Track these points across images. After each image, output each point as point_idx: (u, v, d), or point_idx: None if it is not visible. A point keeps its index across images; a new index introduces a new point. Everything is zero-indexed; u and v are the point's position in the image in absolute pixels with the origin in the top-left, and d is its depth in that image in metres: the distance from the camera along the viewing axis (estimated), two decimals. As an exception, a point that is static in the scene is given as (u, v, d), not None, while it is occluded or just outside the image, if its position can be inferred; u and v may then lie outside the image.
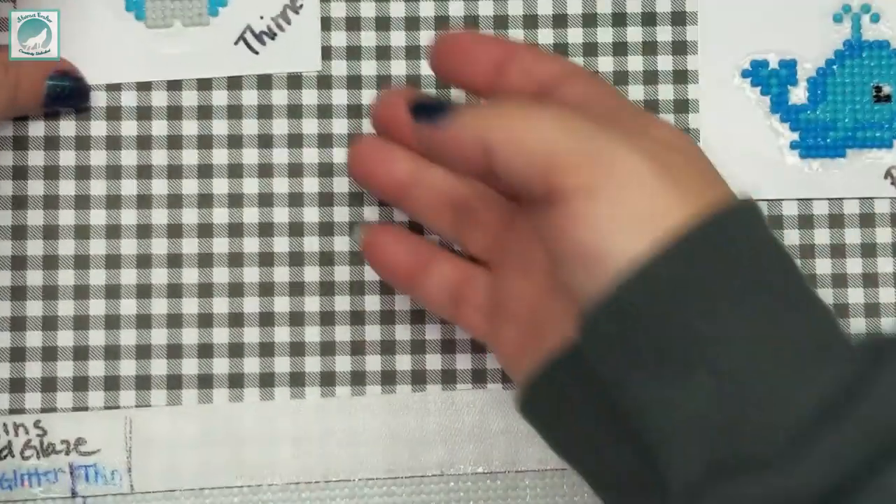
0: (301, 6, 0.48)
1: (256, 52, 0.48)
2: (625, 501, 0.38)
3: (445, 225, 0.45)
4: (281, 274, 0.48)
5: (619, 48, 0.49)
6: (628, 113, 0.40)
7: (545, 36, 0.49)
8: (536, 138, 0.35)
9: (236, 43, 0.48)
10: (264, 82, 0.49)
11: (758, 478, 0.32)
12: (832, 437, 0.32)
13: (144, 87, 0.48)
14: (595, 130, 0.35)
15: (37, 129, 0.48)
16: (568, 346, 0.39)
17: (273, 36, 0.48)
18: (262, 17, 0.48)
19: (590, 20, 0.49)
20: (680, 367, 0.34)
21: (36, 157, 0.48)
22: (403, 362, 0.48)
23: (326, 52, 0.49)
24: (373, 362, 0.48)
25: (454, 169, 0.40)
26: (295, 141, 0.49)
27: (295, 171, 0.48)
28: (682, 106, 0.49)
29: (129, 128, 0.48)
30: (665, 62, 0.49)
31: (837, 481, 0.32)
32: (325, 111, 0.49)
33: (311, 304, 0.48)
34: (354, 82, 0.49)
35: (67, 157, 0.48)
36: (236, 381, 0.48)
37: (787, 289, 0.35)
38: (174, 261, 0.48)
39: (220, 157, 0.48)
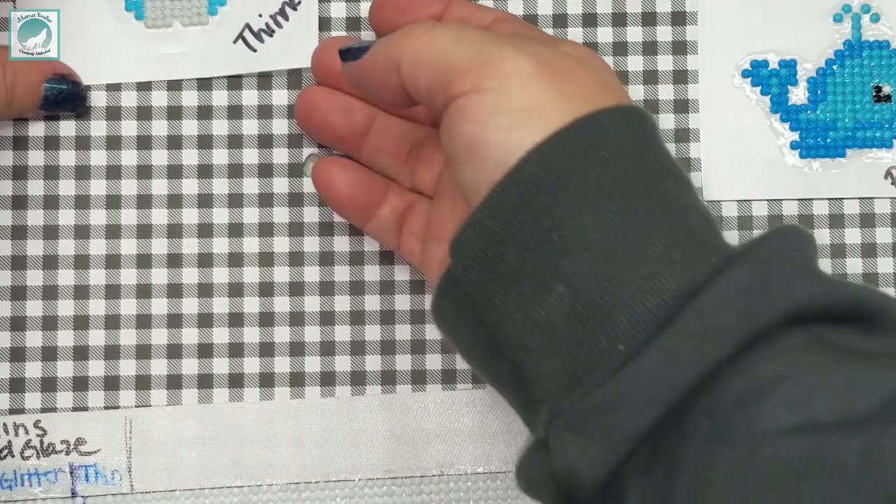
0: (299, 3, 0.48)
1: (255, 50, 0.48)
2: (519, 409, 0.39)
3: (400, 167, 0.46)
4: (281, 274, 0.48)
5: (619, 48, 0.49)
6: (544, 35, 0.43)
7: (545, 36, 0.49)
8: (434, 52, 0.38)
9: (235, 41, 0.48)
10: (264, 83, 0.49)
11: (600, 386, 0.33)
12: (661, 344, 0.32)
13: (144, 86, 0.48)
14: (489, 41, 0.38)
15: (37, 129, 0.48)
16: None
17: (271, 33, 0.48)
18: (260, 16, 0.48)
19: (590, 20, 0.49)
20: (538, 281, 0.35)
21: (36, 157, 0.48)
22: (403, 362, 0.48)
23: (326, 52, 0.49)
24: (373, 362, 0.48)
25: (380, 99, 0.42)
26: (295, 141, 0.49)
27: (295, 170, 0.48)
28: (682, 106, 0.49)
29: (129, 128, 0.48)
30: (665, 62, 0.49)
31: (669, 391, 0.32)
32: (325, 111, 0.49)
33: (311, 304, 0.48)
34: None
35: (67, 157, 0.48)
36: (236, 381, 0.48)
37: (659, 196, 0.35)
38: (174, 261, 0.48)
39: (220, 157, 0.48)
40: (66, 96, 0.47)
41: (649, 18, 0.49)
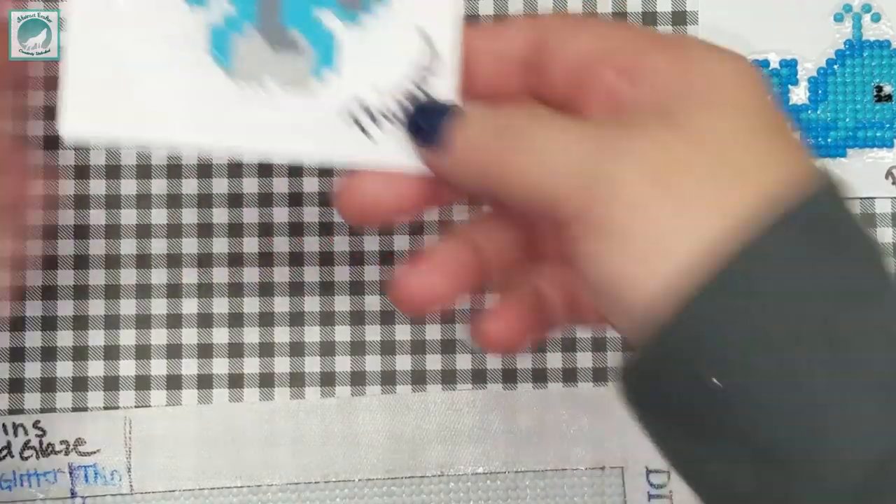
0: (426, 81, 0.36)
1: (369, 136, 0.35)
2: None
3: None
4: (281, 274, 0.48)
5: (620, 48, 0.49)
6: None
7: (545, 36, 0.49)
8: (535, 181, 0.32)
9: (345, 120, 0.35)
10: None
11: None
12: None
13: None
14: (597, 157, 0.32)
15: (37, 128, 0.48)
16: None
17: (392, 119, 0.35)
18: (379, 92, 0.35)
19: (590, 20, 0.49)
20: (710, 433, 0.31)
21: (35, 157, 0.48)
22: (403, 362, 0.48)
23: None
24: (373, 362, 0.48)
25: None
26: (295, 141, 0.48)
27: (295, 170, 0.48)
28: (683, 106, 0.49)
29: (128, 128, 0.48)
30: (665, 62, 0.49)
31: None
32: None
33: (311, 304, 0.48)
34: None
35: (67, 157, 0.48)
36: (236, 381, 0.48)
37: (827, 343, 0.30)
38: (174, 261, 0.48)
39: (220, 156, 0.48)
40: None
41: (649, 18, 0.49)
